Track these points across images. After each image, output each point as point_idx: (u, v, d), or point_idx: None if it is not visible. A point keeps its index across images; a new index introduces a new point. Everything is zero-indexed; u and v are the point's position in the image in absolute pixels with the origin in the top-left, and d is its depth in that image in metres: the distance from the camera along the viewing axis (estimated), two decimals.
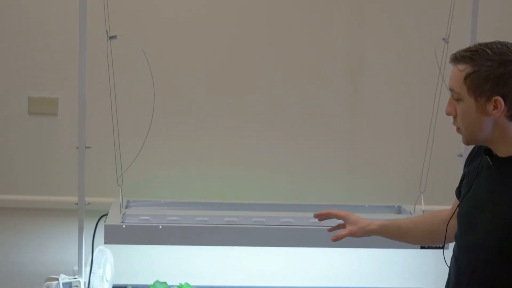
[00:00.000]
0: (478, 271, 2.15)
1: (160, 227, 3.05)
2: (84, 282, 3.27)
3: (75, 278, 3.26)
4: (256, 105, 3.72)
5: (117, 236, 3.04)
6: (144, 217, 3.24)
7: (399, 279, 3.62)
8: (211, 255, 3.73)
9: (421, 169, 3.39)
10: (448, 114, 2.21)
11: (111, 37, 3.11)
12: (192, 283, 3.58)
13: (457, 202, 2.39)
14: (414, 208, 3.44)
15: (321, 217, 2.63)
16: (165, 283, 3.55)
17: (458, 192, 2.41)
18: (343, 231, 2.54)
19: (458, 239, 2.27)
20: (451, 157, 3.26)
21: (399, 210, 3.58)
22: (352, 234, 2.53)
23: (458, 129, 2.21)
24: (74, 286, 3.24)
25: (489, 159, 2.20)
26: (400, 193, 3.72)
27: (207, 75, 3.69)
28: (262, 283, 3.71)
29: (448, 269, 2.34)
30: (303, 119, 3.75)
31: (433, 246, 2.58)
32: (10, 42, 3.58)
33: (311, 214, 3.32)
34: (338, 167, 3.78)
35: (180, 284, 3.56)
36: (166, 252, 3.70)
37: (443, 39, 3.26)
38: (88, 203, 3.23)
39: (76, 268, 3.28)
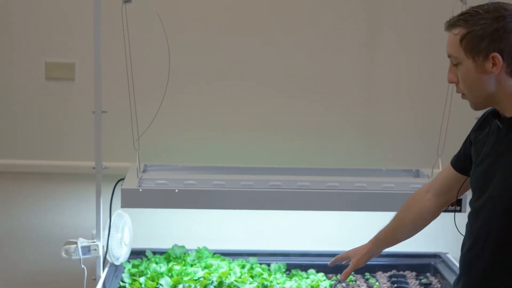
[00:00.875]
0: (493, 234, 2.15)
1: (177, 191, 3.06)
2: (103, 246, 3.30)
3: (93, 242, 3.28)
4: (274, 68, 3.70)
5: (134, 200, 3.04)
6: (160, 181, 3.25)
7: (416, 244, 3.61)
8: (230, 220, 3.75)
9: (439, 132, 3.37)
10: (450, 81, 2.22)
11: (126, 1, 3.09)
12: (210, 247, 3.60)
13: (449, 168, 2.45)
14: (432, 171, 3.42)
15: (334, 263, 2.79)
16: (183, 247, 3.57)
17: (456, 162, 2.44)
18: (348, 267, 2.68)
19: (472, 204, 2.27)
20: (469, 120, 3.20)
21: (417, 174, 3.57)
22: (356, 265, 2.68)
23: (463, 95, 2.21)
24: (92, 250, 3.27)
25: (498, 122, 2.19)
26: (418, 157, 3.71)
27: (222, 38, 3.67)
28: (280, 247, 3.72)
29: (459, 234, 2.35)
30: (320, 81, 3.73)
31: (449, 209, 2.59)
32: (26, 8, 3.58)
33: (328, 178, 3.35)
34: (355, 130, 3.77)
35: (198, 248, 3.58)
36: (185, 216, 3.72)
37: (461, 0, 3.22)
38: (105, 168, 3.24)
39: (94, 232, 3.30)
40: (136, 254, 3.57)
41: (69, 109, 3.67)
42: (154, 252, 3.57)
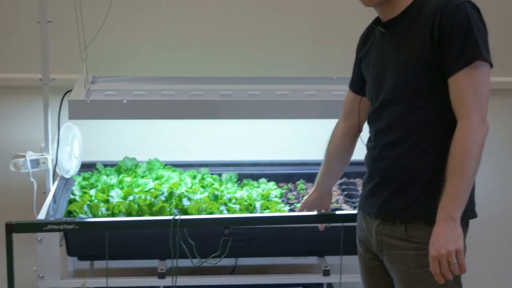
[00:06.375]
0: (393, 127, 2.33)
1: (125, 101, 3.01)
2: (52, 159, 3.27)
3: (42, 155, 3.25)
4: None
5: (81, 111, 2.99)
6: (109, 92, 3.21)
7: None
8: (181, 131, 3.72)
9: None
10: None
11: None
12: (161, 159, 3.58)
13: (349, 92, 2.62)
14: None
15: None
16: (134, 159, 3.56)
17: (352, 84, 2.61)
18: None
19: (371, 110, 2.44)
20: None
21: None
22: (307, 203, 2.84)
23: None
24: (41, 163, 3.24)
25: (380, 28, 2.36)
26: None
27: None
28: (232, 157, 3.71)
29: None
30: None
31: None
32: None
33: (278, 87, 3.40)
34: (305, 36, 3.72)
35: (150, 159, 3.56)
36: (136, 128, 3.69)
37: None
38: (53, 79, 3.19)
39: (43, 145, 3.27)
40: (87, 167, 3.54)
41: (13, 20, 3.56)
42: (105, 165, 3.53)
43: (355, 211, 2.97)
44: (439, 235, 2.17)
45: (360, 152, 2.69)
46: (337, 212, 3.01)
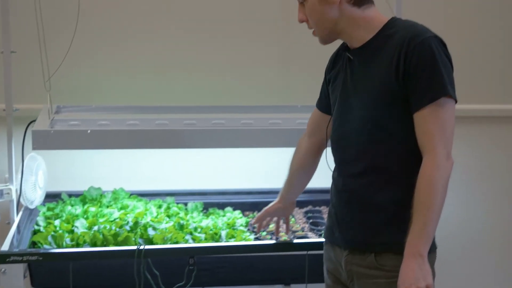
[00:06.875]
0: (359, 153, 2.33)
1: (89, 131, 3.00)
2: (16, 190, 3.25)
3: (6, 186, 3.23)
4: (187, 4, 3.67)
5: (45, 141, 2.97)
6: (73, 122, 3.19)
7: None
8: (147, 160, 3.72)
9: None
10: (300, 21, 2.39)
11: None
12: (127, 189, 3.57)
13: (316, 110, 2.65)
14: None
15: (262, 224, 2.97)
16: (99, 188, 3.54)
17: (320, 104, 2.63)
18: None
19: (334, 134, 2.45)
20: None
21: None
22: (269, 212, 2.91)
23: (314, 31, 2.38)
24: (5, 194, 3.22)
25: (348, 54, 2.37)
26: None
27: None
28: (197, 186, 3.72)
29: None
30: (237, 13, 3.71)
31: None
32: None
33: (243, 116, 3.39)
34: (270, 65, 3.75)
35: (115, 189, 3.55)
36: (102, 158, 3.67)
37: None
38: (17, 109, 3.18)
39: (7, 175, 3.25)
40: (52, 197, 3.52)
41: None
42: (70, 195, 3.52)
43: (320, 239, 2.98)
44: (409, 273, 2.17)
45: (325, 180, 2.71)
46: (302, 240, 3.02)
